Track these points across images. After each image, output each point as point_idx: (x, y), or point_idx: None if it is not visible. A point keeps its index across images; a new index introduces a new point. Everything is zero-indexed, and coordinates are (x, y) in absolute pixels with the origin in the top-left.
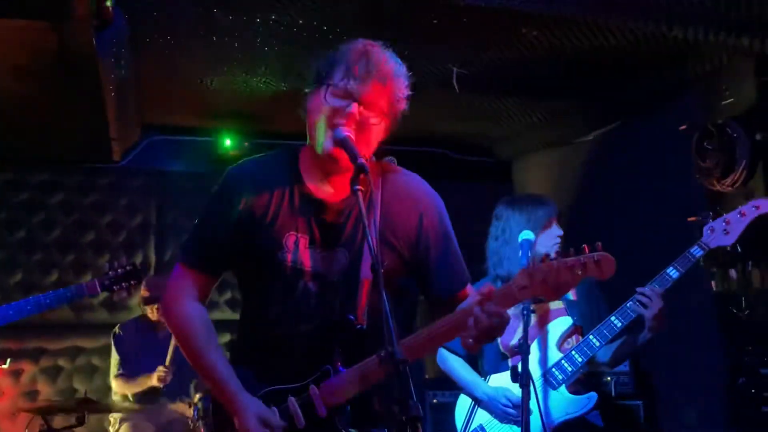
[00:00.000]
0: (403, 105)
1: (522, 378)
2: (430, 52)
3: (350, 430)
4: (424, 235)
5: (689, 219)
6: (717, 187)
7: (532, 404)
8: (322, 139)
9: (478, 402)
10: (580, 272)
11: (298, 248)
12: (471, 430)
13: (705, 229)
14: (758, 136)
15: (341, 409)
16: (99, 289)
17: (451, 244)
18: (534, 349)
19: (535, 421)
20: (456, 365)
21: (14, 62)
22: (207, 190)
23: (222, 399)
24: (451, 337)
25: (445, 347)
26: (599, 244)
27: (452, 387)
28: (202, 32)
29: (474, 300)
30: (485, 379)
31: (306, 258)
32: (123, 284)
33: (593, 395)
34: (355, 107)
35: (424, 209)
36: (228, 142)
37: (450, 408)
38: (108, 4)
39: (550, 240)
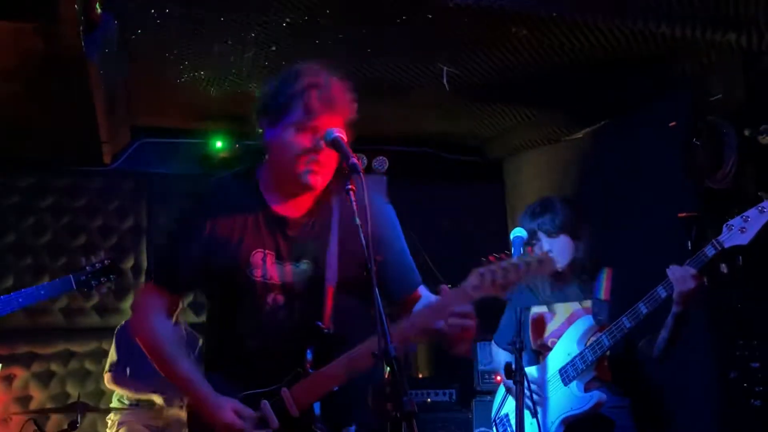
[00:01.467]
0: (354, 117)
1: (516, 375)
2: (419, 51)
3: (320, 426)
4: (378, 240)
5: (680, 215)
6: (707, 184)
7: (552, 399)
8: (299, 174)
9: (508, 390)
10: (524, 271)
11: (266, 264)
12: (499, 416)
13: (724, 226)
14: (747, 132)
15: (312, 409)
16: (74, 285)
17: (402, 246)
18: (558, 347)
19: (550, 415)
20: (499, 357)
21: (2, 65)
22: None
23: (197, 404)
24: (407, 338)
25: (494, 341)
26: (542, 241)
27: (445, 386)
28: (192, 34)
29: (435, 304)
30: None
31: (274, 272)
32: (102, 279)
33: (596, 394)
34: (323, 143)
35: (377, 216)
36: (218, 144)
37: (444, 406)
38: (96, 6)
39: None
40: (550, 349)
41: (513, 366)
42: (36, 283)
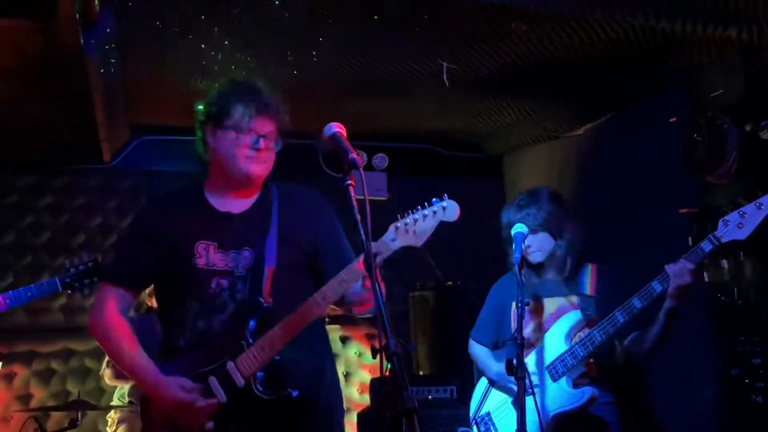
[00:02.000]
0: (287, 129)
1: (518, 371)
2: (419, 47)
3: (262, 390)
4: (320, 235)
5: (680, 211)
6: (707, 179)
7: (530, 398)
8: (239, 172)
9: (491, 383)
10: (431, 218)
11: (209, 252)
12: (479, 415)
13: (720, 222)
14: (747, 128)
15: (256, 376)
16: (60, 286)
17: (340, 239)
18: (545, 342)
19: (532, 414)
20: (478, 352)
21: (0, 63)
22: None
23: (146, 388)
24: (336, 293)
25: (472, 338)
26: (445, 194)
27: (446, 383)
28: (191, 30)
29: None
30: None
31: (217, 259)
32: (85, 281)
33: (588, 390)
34: (262, 142)
35: (319, 214)
36: None
37: (445, 403)
38: (95, 3)
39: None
40: (533, 345)
41: (514, 361)
42: (35, 282)
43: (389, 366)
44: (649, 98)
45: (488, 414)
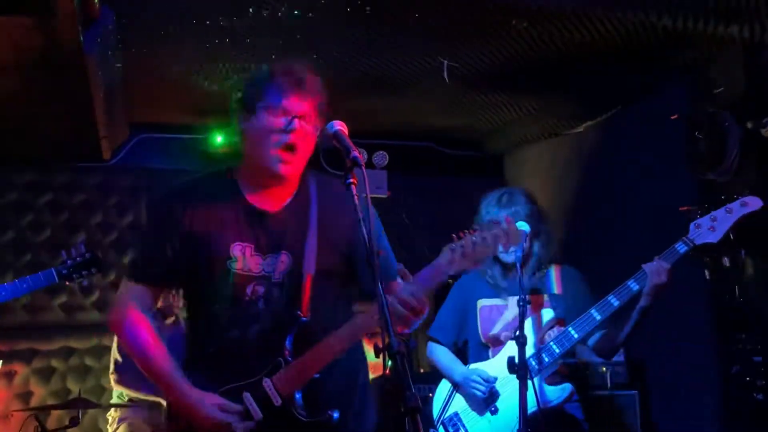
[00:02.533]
0: (326, 114)
1: (519, 368)
2: (419, 45)
3: (303, 413)
4: (355, 235)
5: (681, 209)
6: (709, 177)
7: (514, 395)
8: (271, 161)
9: (456, 386)
10: (492, 243)
11: (245, 256)
12: (446, 417)
13: (691, 225)
14: (749, 125)
15: (294, 397)
16: (56, 278)
17: (381, 240)
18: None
19: (512, 411)
20: (439, 353)
21: None
22: None
23: (175, 399)
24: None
25: (429, 337)
26: (508, 217)
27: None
28: (191, 28)
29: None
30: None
31: (253, 264)
32: (83, 272)
33: (567, 386)
34: (297, 123)
35: (354, 207)
36: (218, 139)
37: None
38: (95, 0)
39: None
40: (502, 342)
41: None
42: None
43: (391, 365)
44: (650, 95)
45: (456, 414)
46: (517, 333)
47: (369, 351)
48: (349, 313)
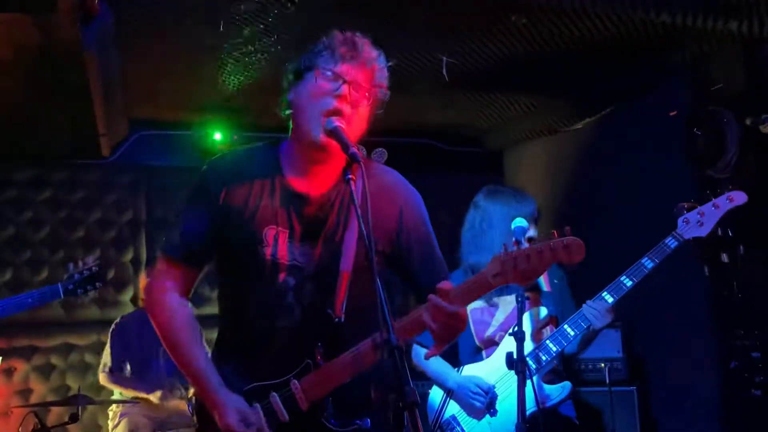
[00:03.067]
0: (385, 91)
1: (517, 365)
2: (419, 42)
3: (332, 422)
4: (405, 230)
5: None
6: (708, 173)
7: (513, 396)
8: (313, 126)
9: (449, 393)
10: (549, 257)
11: (278, 242)
12: (443, 420)
13: (680, 220)
14: (748, 121)
15: (323, 403)
16: (62, 293)
17: (430, 239)
18: (510, 339)
19: (512, 411)
20: (431, 360)
21: None
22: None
23: (203, 394)
24: (411, 334)
25: (416, 342)
26: (568, 228)
27: None
28: (190, 25)
29: (431, 298)
30: (458, 370)
31: (284, 251)
32: (88, 287)
33: (567, 384)
34: (345, 88)
35: (403, 204)
36: (217, 136)
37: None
38: None
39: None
40: (497, 343)
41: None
42: (34, 277)
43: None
44: (649, 92)
45: (454, 417)
46: (515, 329)
47: None
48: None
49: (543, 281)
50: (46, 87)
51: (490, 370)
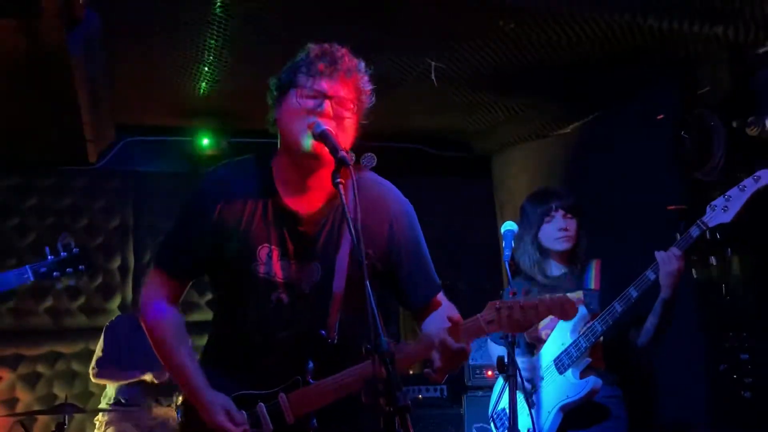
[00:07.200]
0: (369, 99)
1: (508, 368)
2: (406, 46)
3: None
4: (396, 244)
5: (668, 208)
6: (695, 176)
7: (548, 388)
8: (301, 137)
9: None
10: (544, 312)
11: (271, 260)
12: (496, 411)
13: (707, 207)
14: (735, 124)
15: (308, 420)
16: (32, 276)
17: (421, 250)
18: (552, 338)
19: (547, 403)
20: (494, 352)
21: None
22: (185, 191)
23: (191, 396)
24: (411, 363)
25: (490, 338)
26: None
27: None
28: (176, 29)
29: (440, 334)
30: None
31: (278, 270)
32: (68, 270)
33: (591, 380)
34: (327, 104)
35: (394, 217)
36: (205, 142)
37: (436, 403)
38: (79, 1)
39: (552, 233)
40: (544, 341)
41: (506, 360)
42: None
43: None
44: (636, 96)
45: (503, 410)
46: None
47: None
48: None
49: (593, 278)
50: (32, 93)
51: (535, 366)
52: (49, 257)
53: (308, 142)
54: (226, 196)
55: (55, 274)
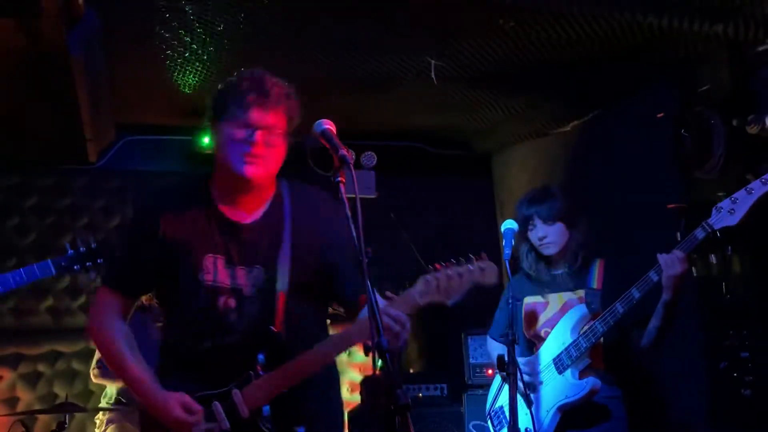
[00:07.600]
0: (298, 119)
1: (508, 366)
2: (406, 45)
3: (269, 426)
4: (332, 245)
5: (668, 206)
6: (695, 175)
7: (547, 388)
8: (236, 163)
9: (504, 379)
10: (468, 278)
11: (217, 268)
12: (494, 409)
13: (713, 209)
14: (735, 123)
15: (262, 410)
16: (53, 269)
17: (350, 250)
18: (552, 336)
19: (546, 403)
20: (494, 350)
21: None
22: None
23: (144, 400)
24: (354, 343)
25: (489, 336)
26: (483, 254)
27: (436, 381)
28: (176, 29)
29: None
30: None
31: (224, 277)
32: (87, 264)
33: (590, 380)
34: (258, 134)
35: (329, 219)
36: (205, 141)
37: (436, 401)
38: (79, 0)
39: (535, 241)
40: (543, 339)
41: (506, 358)
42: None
43: (381, 363)
44: (636, 94)
45: (501, 408)
46: (506, 331)
47: (359, 352)
48: (324, 329)
49: (595, 278)
50: (31, 92)
51: (535, 363)
52: (70, 251)
53: (242, 168)
54: (167, 213)
55: (75, 267)
